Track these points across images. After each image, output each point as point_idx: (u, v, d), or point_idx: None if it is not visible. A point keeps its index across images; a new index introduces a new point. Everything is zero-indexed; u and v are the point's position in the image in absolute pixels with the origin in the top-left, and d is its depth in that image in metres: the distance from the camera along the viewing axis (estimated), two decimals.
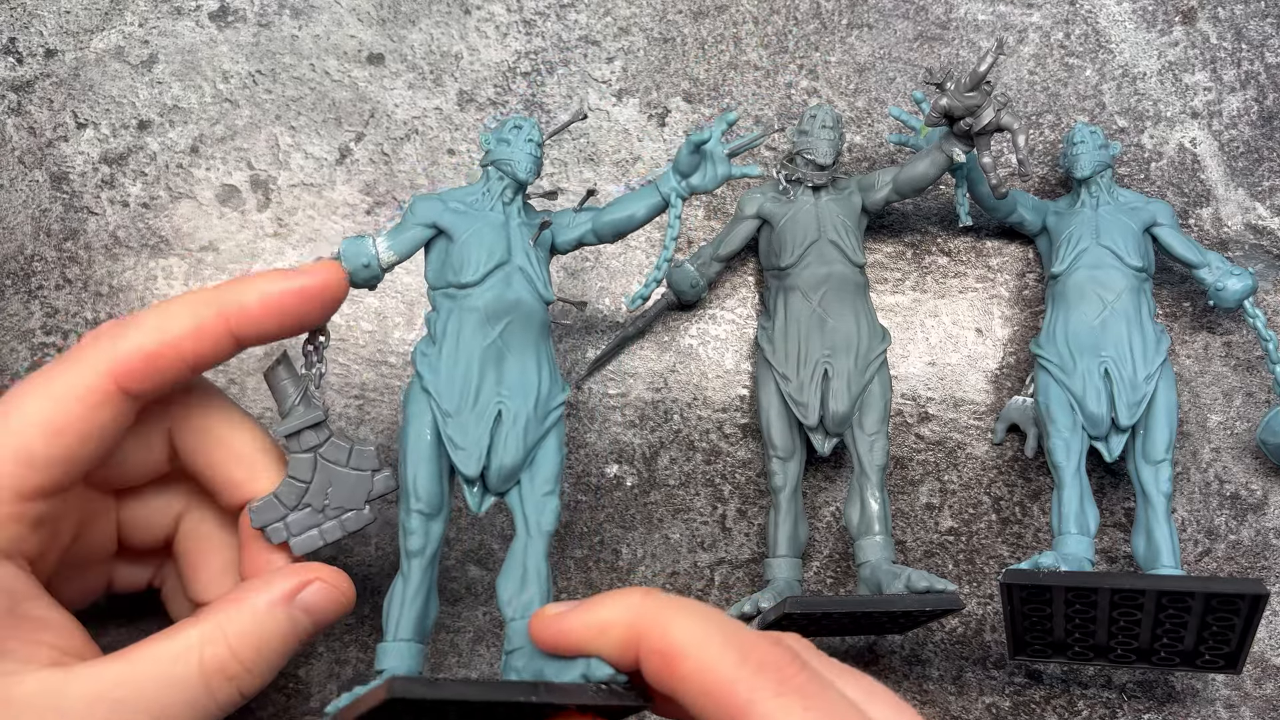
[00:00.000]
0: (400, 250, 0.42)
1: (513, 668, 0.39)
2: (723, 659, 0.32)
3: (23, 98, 0.55)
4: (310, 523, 0.42)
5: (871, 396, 0.49)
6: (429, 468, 0.40)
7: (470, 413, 0.40)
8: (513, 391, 0.41)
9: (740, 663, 0.32)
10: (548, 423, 0.42)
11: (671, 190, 0.45)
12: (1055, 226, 0.52)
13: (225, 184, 0.55)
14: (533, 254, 0.43)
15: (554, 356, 0.44)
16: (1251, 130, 0.56)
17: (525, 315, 0.42)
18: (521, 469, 0.41)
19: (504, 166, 0.43)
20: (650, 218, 0.45)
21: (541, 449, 0.41)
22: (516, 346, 0.42)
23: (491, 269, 0.41)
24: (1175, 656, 0.47)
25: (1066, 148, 0.53)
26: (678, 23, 0.57)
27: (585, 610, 0.35)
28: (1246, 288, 0.51)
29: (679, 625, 0.33)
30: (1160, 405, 0.49)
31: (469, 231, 0.42)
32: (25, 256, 0.53)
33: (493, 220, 0.42)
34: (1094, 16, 0.57)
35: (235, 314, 0.39)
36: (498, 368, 0.41)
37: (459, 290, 0.42)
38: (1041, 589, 0.44)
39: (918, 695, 0.51)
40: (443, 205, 0.43)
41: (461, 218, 0.42)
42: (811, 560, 0.52)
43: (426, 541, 0.40)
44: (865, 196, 0.51)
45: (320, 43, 0.56)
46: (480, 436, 0.40)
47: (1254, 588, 0.42)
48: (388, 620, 0.40)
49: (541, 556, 0.41)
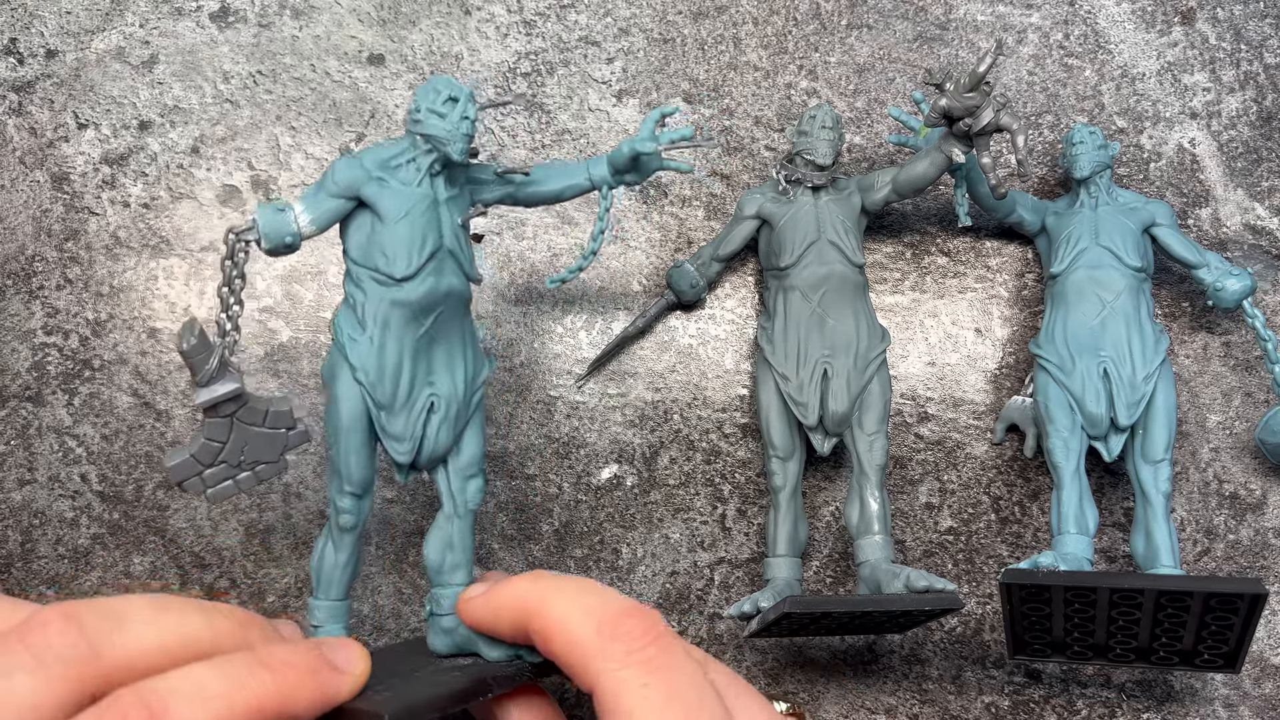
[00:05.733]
0: (320, 223, 0.40)
1: (441, 629, 0.42)
2: (582, 632, 0.34)
3: (24, 98, 0.55)
4: (226, 475, 0.43)
5: (871, 396, 0.49)
6: (360, 455, 0.41)
7: (404, 406, 0.41)
8: (440, 379, 0.41)
9: (596, 634, 0.34)
10: (474, 403, 0.42)
11: (603, 179, 0.45)
12: (1054, 227, 0.52)
13: (226, 184, 0.55)
14: (460, 234, 0.41)
15: (475, 332, 0.43)
16: (1250, 131, 0.57)
17: (454, 302, 0.42)
18: (449, 450, 0.42)
19: (435, 142, 0.40)
20: (574, 197, 0.46)
21: (466, 432, 0.42)
22: (444, 333, 0.42)
23: (425, 261, 0.40)
24: (1174, 656, 0.47)
25: (1066, 148, 0.53)
26: (677, 23, 0.57)
27: (485, 598, 0.38)
28: (1245, 288, 0.51)
29: (551, 604, 0.35)
30: (1159, 405, 0.49)
31: (399, 216, 0.40)
32: (26, 257, 0.53)
33: (419, 197, 0.40)
34: (1093, 17, 0.58)
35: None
36: (427, 356, 0.41)
37: (389, 280, 0.40)
38: (1041, 589, 0.44)
39: (917, 695, 0.51)
40: (365, 174, 0.40)
41: (385, 191, 0.40)
42: (811, 560, 0.52)
43: (358, 519, 0.42)
44: (865, 197, 0.51)
45: (321, 43, 0.56)
46: (414, 428, 0.41)
47: (1253, 587, 0.42)
48: (319, 580, 0.42)
49: (467, 531, 0.42)
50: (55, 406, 0.52)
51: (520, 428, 0.53)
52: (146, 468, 0.52)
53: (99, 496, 0.51)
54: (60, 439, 0.52)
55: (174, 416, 0.52)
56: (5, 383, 0.52)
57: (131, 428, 0.52)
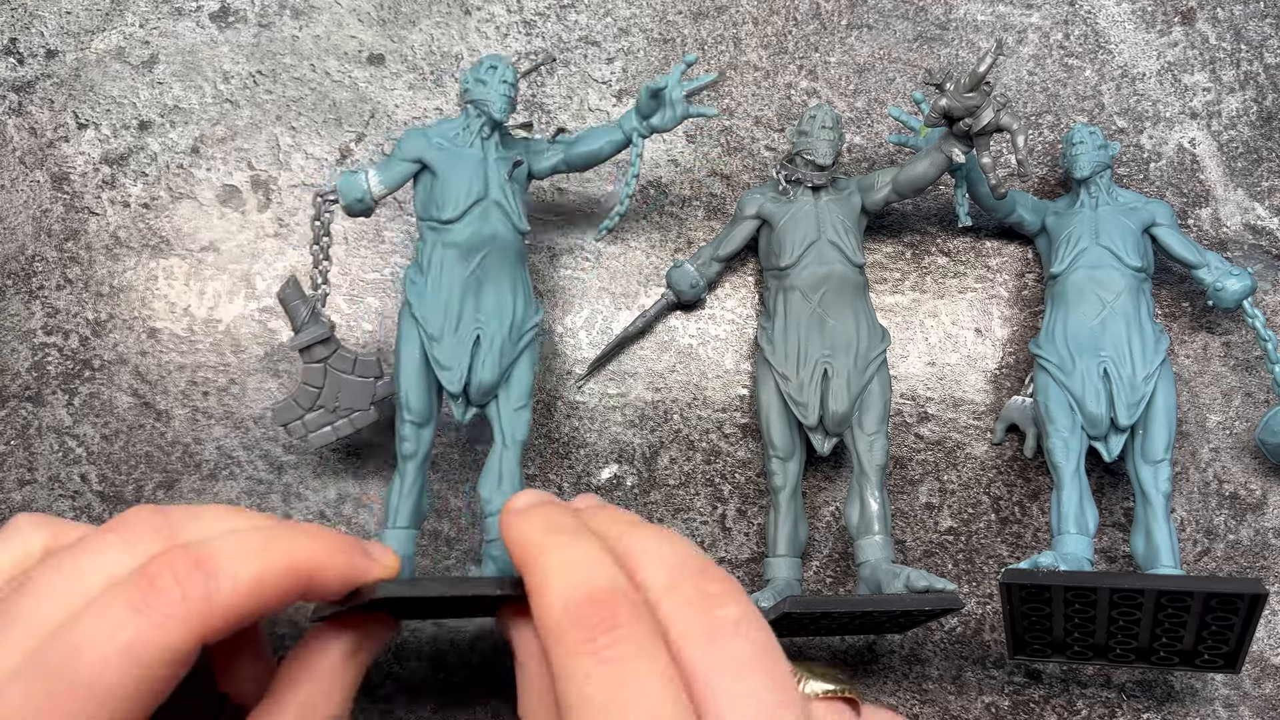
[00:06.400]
0: (389, 183, 0.47)
1: (490, 556, 0.45)
2: (551, 605, 0.33)
3: (24, 98, 0.55)
4: (324, 421, 0.48)
5: (871, 396, 0.49)
6: (419, 385, 0.45)
7: (452, 337, 0.45)
8: (489, 317, 0.46)
9: (561, 612, 0.33)
10: (521, 344, 0.46)
11: (633, 129, 0.49)
12: (1054, 226, 0.52)
13: (226, 184, 0.55)
14: (508, 188, 0.46)
15: (529, 283, 0.47)
16: (1250, 131, 0.57)
17: (501, 247, 0.46)
18: (498, 386, 0.46)
19: (481, 105, 0.46)
20: (613, 153, 0.49)
21: (516, 368, 0.46)
22: (493, 276, 0.46)
23: (469, 206, 0.45)
24: (1174, 656, 0.47)
25: (1066, 148, 0.53)
26: (677, 23, 0.57)
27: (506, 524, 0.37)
28: (1245, 288, 0.51)
29: (538, 566, 0.35)
30: (1159, 405, 0.49)
31: (449, 169, 0.46)
32: (26, 257, 0.53)
33: (471, 157, 0.46)
34: (1093, 17, 0.58)
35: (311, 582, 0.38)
36: (476, 296, 0.46)
37: (440, 225, 0.46)
38: (1041, 589, 0.44)
39: (917, 695, 0.51)
40: (427, 141, 0.46)
41: (443, 154, 0.46)
42: (811, 560, 0.52)
43: (418, 446, 0.45)
44: (865, 197, 0.51)
45: (321, 43, 0.56)
46: (461, 358, 0.45)
47: (1253, 587, 0.42)
48: (388, 511, 0.45)
49: (515, 462, 0.46)
50: (55, 406, 0.52)
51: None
52: (146, 468, 0.52)
53: (99, 496, 0.51)
54: (60, 439, 0.52)
55: (174, 416, 0.52)
56: (5, 383, 0.52)
57: (131, 428, 0.52)
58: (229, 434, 0.52)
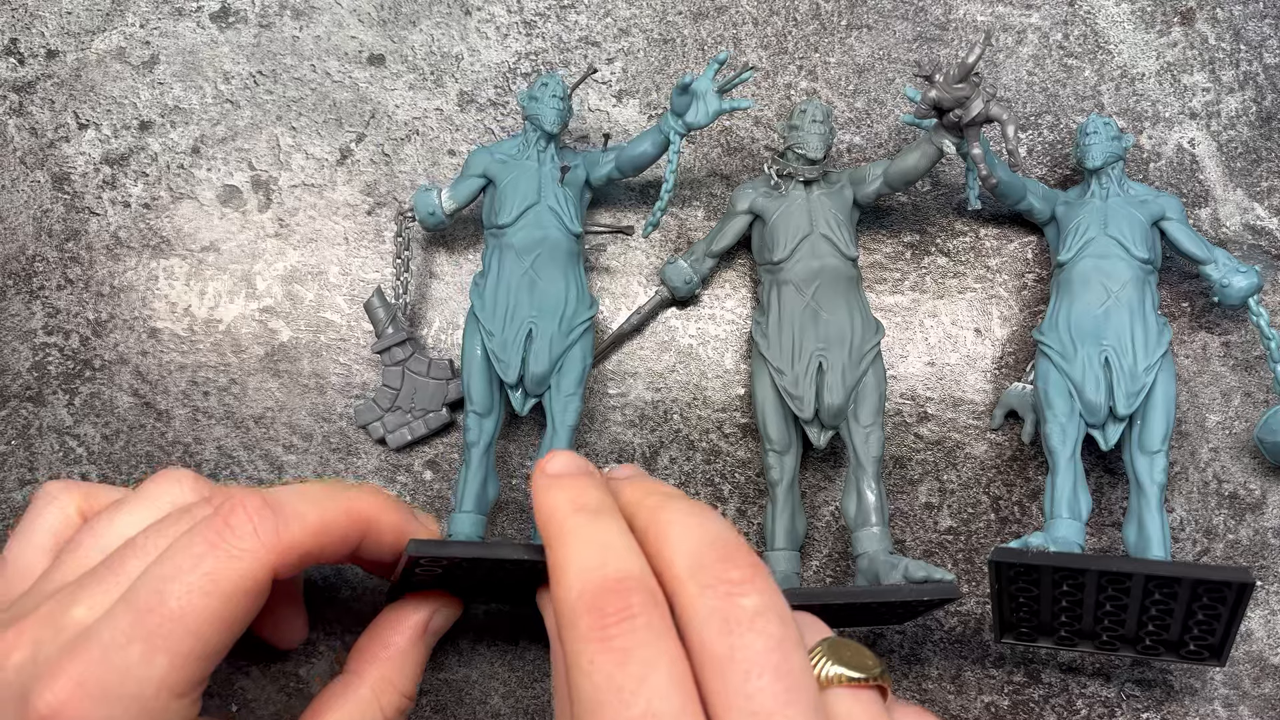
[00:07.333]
0: (459, 198, 0.51)
1: None
2: (568, 590, 0.34)
3: (24, 98, 0.55)
4: (400, 422, 0.51)
5: (866, 389, 0.49)
6: (480, 378, 0.49)
7: (505, 330, 0.48)
8: (541, 313, 0.49)
9: (576, 598, 0.33)
10: (572, 337, 0.49)
11: (670, 129, 0.50)
12: (1064, 216, 0.52)
13: (226, 184, 0.55)
14: (560, 193, 0.50)
15: (584, 280, 0.50)
16: (1250, 131, 0.57)
17: (552, 247, 0.49)
18: (550, 376, 0.49)
19: (535, 120, 0.50)
20: (659, 154, 0.51)
21: (567, 358, 0.49)
22: (546, 274, 0.49)
23: (523, 210, 0.49)
24: (1160, 645, 0.46)
25: (1079, 137, 0.52)
26: (677, 24, 0.57)
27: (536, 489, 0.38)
28: (1252, 285, 0.51)
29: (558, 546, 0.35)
30: (1158, 396, 0.49)
31: (507, 179, 0.50)
32: (27, 257, 0.54)
33: (528, 168, 0.50)
34: (1093, 17, 0.58)
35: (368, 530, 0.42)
36: (530, 293, 0.49)
37: (499, 230, 0.50)
38: (1030, 569, 0.44)
39: (917, 695, 0.51)
40: (490, 157, 0.51)
41: (504, 167, 0.50)
42: (811, 559, 0.52)
43: (480, 434, 0.49)
44: (856, 190, 0.52)
45: (321, 44, 0.56)
46: (515, 351, 0.48)
47: (1240, 576, 0.42)
48: (454, 495, 0.48)
49: (564, 446, 0.49)
50: (55, 406, 0.52)
51: (520, 427, 0.53)
52: (147, 468, 0.52)
53: None
54: (61, 439, 0.52)
55: (174, 416, 0.52)
56: (5, 383, 0.52)
57: (132, 428, 0.52)
58: (229, 434, 0.52)
